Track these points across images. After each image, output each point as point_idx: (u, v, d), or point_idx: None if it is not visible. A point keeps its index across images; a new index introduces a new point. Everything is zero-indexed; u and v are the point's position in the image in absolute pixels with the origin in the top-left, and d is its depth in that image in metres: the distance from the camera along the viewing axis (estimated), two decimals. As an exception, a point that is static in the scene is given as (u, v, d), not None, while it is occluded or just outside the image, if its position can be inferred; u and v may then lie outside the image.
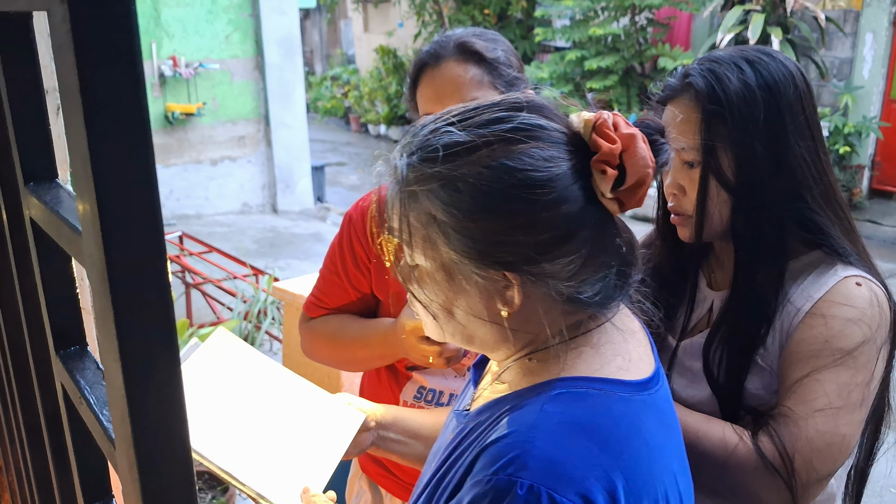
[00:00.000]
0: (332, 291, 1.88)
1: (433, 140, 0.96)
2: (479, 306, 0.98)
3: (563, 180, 0.93)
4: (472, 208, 0.93)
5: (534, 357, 1.02)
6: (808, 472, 1.30)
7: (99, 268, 0.44)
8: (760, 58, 1.41)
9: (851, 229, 1.46)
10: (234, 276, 5.80)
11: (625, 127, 0.96)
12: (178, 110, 9.38)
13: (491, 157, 0.93)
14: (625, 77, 10.88)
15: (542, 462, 0.87)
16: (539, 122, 0.97)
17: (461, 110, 0.99)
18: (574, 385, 0.96)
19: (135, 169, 0.41)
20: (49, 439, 0.79)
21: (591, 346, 1.01)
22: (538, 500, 0.85)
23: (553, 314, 0.98)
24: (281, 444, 1.32)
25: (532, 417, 0.92)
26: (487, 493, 0.87)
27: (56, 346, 0.69)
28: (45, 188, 0.64)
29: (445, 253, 0.96)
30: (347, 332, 1.84)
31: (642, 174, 0.95)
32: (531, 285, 0.96)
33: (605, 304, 1.01)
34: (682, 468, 1.06)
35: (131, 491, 0.50)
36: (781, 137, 1.38)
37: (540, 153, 0.94)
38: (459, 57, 1.68)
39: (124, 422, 0.47)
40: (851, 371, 1.33)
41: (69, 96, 0.41)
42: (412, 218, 0.97)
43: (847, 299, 1.36)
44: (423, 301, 1.03)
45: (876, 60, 9.35)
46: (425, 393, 1.81)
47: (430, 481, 1.04)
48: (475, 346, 1.06)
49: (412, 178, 0.96)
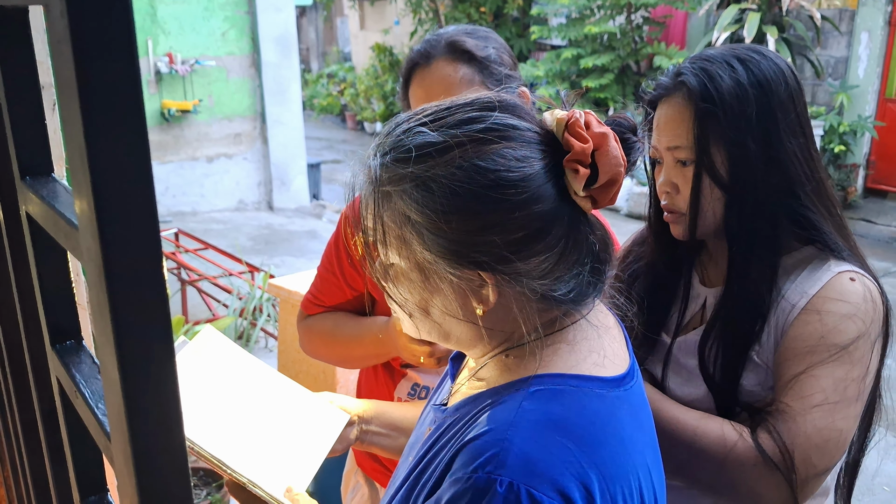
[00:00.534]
0: (328, 290, 1.89)
1: (406, 140, 0.97)
2: (454, 305, 0.99)
3: (536, 180, 0.94)
4: (445, 209, 0.93)
5: (511, 353, 1.03)
6: (806, 467, 1.31)
7: (96, 262, 0.44)
8: (752, 56, 1.42)
9: (843, 225, 1.47)
10: (229, 273, 5.80)
11: (597, 126, 0.97)
12: (174, 107, 9.37)
13: (463, 158, 0.93)
14: (620, 75, 10.89)
15: (521, 460, 0.88)
16: (511, 121, 0.97)
17: (434, 110, 1.00)
18: (551, 382, 0.97)
19: (132, 163, 0.42)
20: (45, 434, 0.80)
21: (567, 342, 1.02)
22: (517, 497, 0.86)
23: (527, 312, 0.99)
24: (266, 441, 1.33)
25: (510, 415, 0.93)
26: (467, 491, 0.88)
27: (52, 340, 0.70)
28: (42, 183, 0.65)
29: (420, 253, 0.97)
30: (343, 330, 1.85)
31: (614, 172, 0.96)
32: (505, 284, 0.97)
33: (579, 302, 1.02)
34: (655, 461, 1.07)
35: (127, 485, 0.50)
36: (774, 135, 1.39)
37: (512, 153, 0.94)
38: (450, 56, 1.68)
39: (120, 416, 0.47)
40: (847, 366, 1.34)
41: (66, 91, 0.41)
42: (386, 218, 0.98)
43: (841, 295, 1.37)
44: (399, 300, 1.04)
45: (871, 59, 9.37)
46: (419, 390, 1.82)
47: (407, 476, 1.05)
48: (451, 343, 1.07)
49: (385, 178, 0.97)
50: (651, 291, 1.58)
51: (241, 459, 1.24)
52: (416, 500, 0.99)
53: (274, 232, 9.24)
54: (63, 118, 0.43)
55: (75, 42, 0.40)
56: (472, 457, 0.90)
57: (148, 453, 0.48)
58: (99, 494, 0.72)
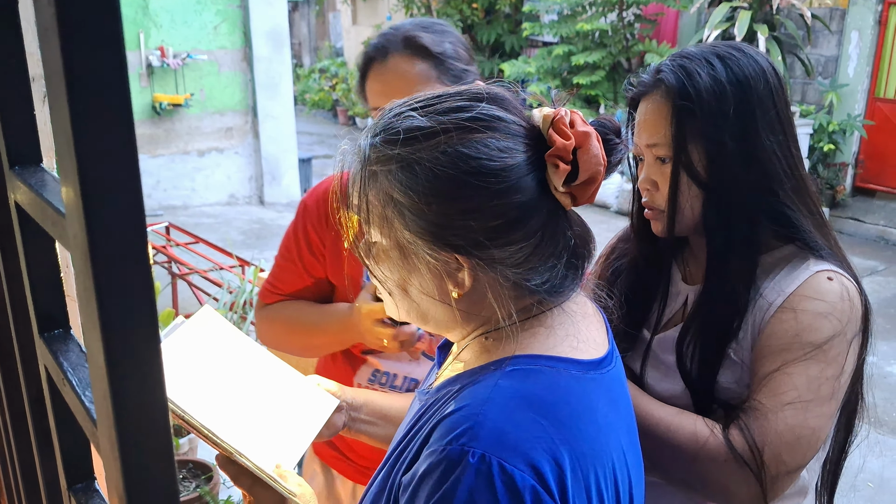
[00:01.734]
0: (287, 278, 1.89)
1: (396, 123, 1.01)
2: (431, 286, 1.03)
3: (517, 171, 0.98)
4: (427, 191, 0.97)
5: (490, 336, 1.07)
6: (777, 464, 1.31)
7: (82, 249, 0.45)
8: (731, 53, 1.43)
9: (823, 223, 1.48)
10: (220, 266, 5.79)
11: (581, 125, 1.00)
12: (165, 101, 9.34)
13: (447, 144, 0.97)
14: (612, 73, 10.89)
15: (494, 433, 0.90)
16: (497, 113, 1.01)
17: (426, 97, 1.04)
18: (527, 362, 1.00)
19: (118, 150, 0.42)
20: (32, 422, 0.80)
21: (545, 326, 1.05)
22: (489, 468, 0.88)
23: (501, 298, 1.02)
24: (257, 418, 1.34)
25: (486, 392, 0.96)
26: (441, 462, 0.90)
27: (40, 329, 0.70)
28: (30, 172, 0.65)
29: (400, 232, 1.00)
30: (303, 317, 1.86)
31: (594, 171, 0.99)
32: (480, 269, 1.00)
33: (553, 293, 1.05)
34: (631, 445, 1.09)
35: (113, 469, 0.51)
36: (752, 132, 1.40)
37: (495, 143, 0.98)
38: (406, 52, 1.68)
39: (106, 401, 0.48)
40: (821, 364, 1.34)
41: (54, 78, 0.42)
42: (371, 196, 1.02)
43: (818, 293, 1.38)
44: (380, 277, 1.08)
45: (861, 59, 9.40)
46: (379, 376, 1.82)
47: (389, 457, 1.08)
48: (430, 325, 1.10)
49: (373, 158, 1.01)
50: (633, 288, 1.59)
51: (230, 432, 1.25)
52: (396, 476, 1.01)
53: (265, 226, 9.22)
54: (51, 105, 0.44)
55: (62, 29, 0.41)
56: (447, 430, 0.93)
57: (133, 437, 0.49)
58: (86, 482, 0.72)
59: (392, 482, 1.01)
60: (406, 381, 1.80)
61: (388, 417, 1.53)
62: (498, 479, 0.88)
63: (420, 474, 0.92)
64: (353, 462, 1.90)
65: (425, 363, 1.80)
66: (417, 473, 0.93)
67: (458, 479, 0.88)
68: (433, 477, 0.91)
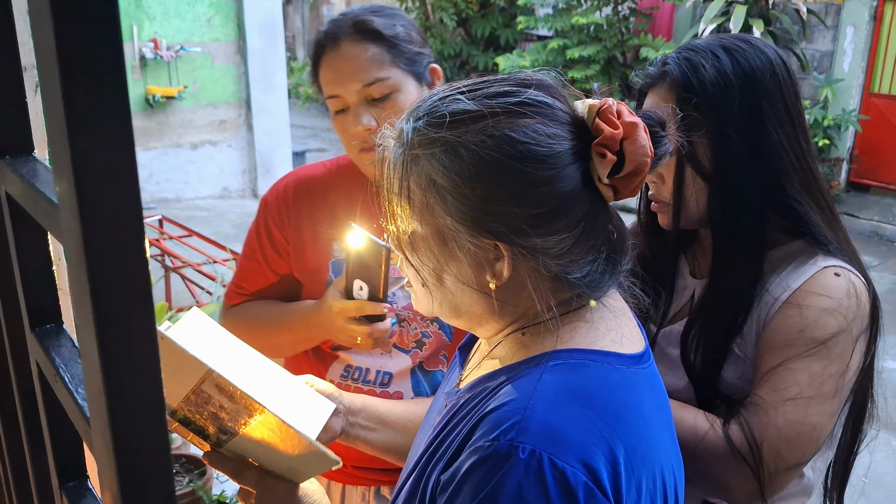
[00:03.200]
0: (250, 277, 1.87)
1: (441, 107, 0.99)
2: (469, 275, 1.00)
3: (563, 159, 0.96)
4: (472, 175, 0.95)
5: (527, 332, 1.04)
6: (775, 460, 1.30)
7: (76, 241, 0.43)
8: (738, 45, 1.42)
9: (833, 217, 1.46)
10: (213, 260, 5.76)
11: (628, 115, 0.98)
12: (158, 93, 9.30)
13: (495, 127, 0.95)
14: (607, 66, 10.89)
15: (543, 428, 0.88)
16: (546, 99, 0.99)
17: (472, 82, 1.02)
18: (570, 357, 0.98)
19: (113, 137, 0.40)
20: (23, 418, 0.78)
21: (585, 321, 1.03)
22: (539, 464, 0.85)
23: (541, 290, 1.00)
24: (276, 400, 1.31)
25: (531, 386, 0.93)
26: (488, 458, 0.88)
27: (31, 323, 0.68)
28: (22, 162, 0.63)
29: (441, 218, 0.98)
30: (269, 316, 1.83)
31: (640, 162, 0.97)
32: (520, 258, 0.98)
33: (593, 287, 1.02)
34: (673, 443, 1.07)
35: (106, 470, 0.49)
36: (758, 125, 1.38)
37: (543, 129, 0.96)
38: (356, 36, 1.65)
39: (100, 399, 0.46)
40: (825, 361, 1.33)
41: (46, 62, 0.40)
42: (412, 182, 0.99)
43: (824, 289, 1.36)
44: (416, 265, 1.05)
45: (856, 54, 9.41)
46: (352, 371, 1.79)
47: (420, 457, 1.04)
48: (462, 319, 1.07)
49: (416, 141, 0.99)
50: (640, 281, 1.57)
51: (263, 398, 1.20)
52: (431, 476, 0.98)
53: (258, 220, 9.18)
54: (43, 91, 0.42)
55: (55, 12, 0.39)
56: (493, 425, 0.90)
57: (128, 437, 0.47)
58: (78, 480, 0.70)
59: (426, 482, 0.99)
60: (379, 374, 1.77)
61: (386, 423, 1.49)
62: (549, 475, 0.85)
63: (464, 471, 0.90)
64: None
65: (398, 356, 1.77)
66: (461, 470, 0.90)
67: (506, 474, 0.86)
68: (480, 473, 0.88)
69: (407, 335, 1.76)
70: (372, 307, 1.57)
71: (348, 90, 1.63)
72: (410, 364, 1.76)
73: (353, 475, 1.83)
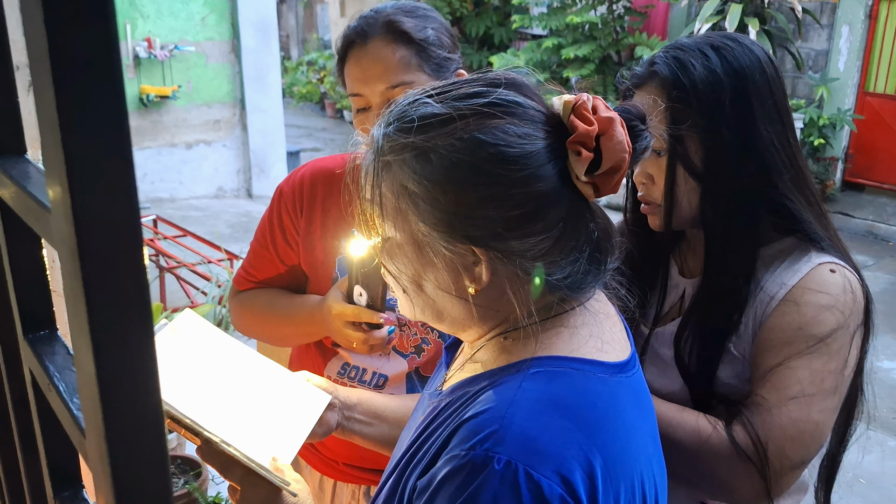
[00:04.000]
0: (260, 265, 1.87)
1: (410, 111, 0.97)
2: (447, 281, 0.98)
3: (537, 158, 0.93)
4: (443, 179, 0.93)
5: (509, 336, 1.02)
6: (781, 460, 1.30)
7: (70, 247, 0.41)
8: (726, 43, 1.41)
9: (822, 214, 1.46)
10: (208, 260, 5.74)
11: (604, 110, 0.96)
12: (152, 93, 9.27)
13: (464, 130, 0.93)
14: (601, 65, 10.88)
15: (520, 438, 0.86)
16: (516, 98, 0.97)
17: (442, 84, 1.00)
18: (551, 364, 0.96)
19: (108, 135, 0.38)
20: (17, 427, 0.76)
21: (568, 326, 1.01)
22: (514, 476, 0.84)
23: (521, 294, 0.98)
24: (246, 417, 1.31)
25: (510, 394, 0.91)
26: (464, 468, 0.86)
27: (24, 329, 0.66)
28: (13, 163, 0.61)
29: (415, 224, 0.96)
30: (275, 307, 1.83)
31: (618, 159, 0.95)
32: (499, 262, 0.96)
33: (576, 288, 1.01)
34: (656, 451, 1.06)
35: (102, 481, 0.47)
36: (749, 123, 1.38)
37: (514, 129, 0.94)
38: (387, 36, 1.63)
39: (95, 410, 0.44)
40: (825, 358, 1.33)
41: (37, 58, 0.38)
42: (384, 188, 0.98)
43: (821, 286, 1.36)
44: (394, 273, 1.03)
45: (851, 53, 9.41)
46: (349, 369, 1.80)
47: (400, 459, 1.03)
48: (445, 324, 1.05)
49: (387, 147, 0.97)
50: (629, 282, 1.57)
51: (217, 425, 1.21)
52: (408, 480, 0.97)
53: (253, 220, 9.17)
54: (35, 89, 0.40)
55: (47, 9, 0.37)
56: (469, 434, 0.89)
57: (124, 449, 0.45)
58: (73, 490, 0.69)
59: (404, 486, 0.97)
60: (375, 376, 1.77)
61: (382, 418, 1.49)
62: (524, 487, 0.84)
63: (440, 479, 0.88)
64: (319, 453, 1.88)
65: (395, 359, 1.77)
66: (436, 478, 0.89)
67: (481, 485, 0.84)
68: (454, 482, 0.86)
69: (407, 339, 1.75)
70: (369, 315, 1.56)
71: (373, 90, 1.62)
72: (407, 368, 1.76)
73: (346, 472, 1.84)
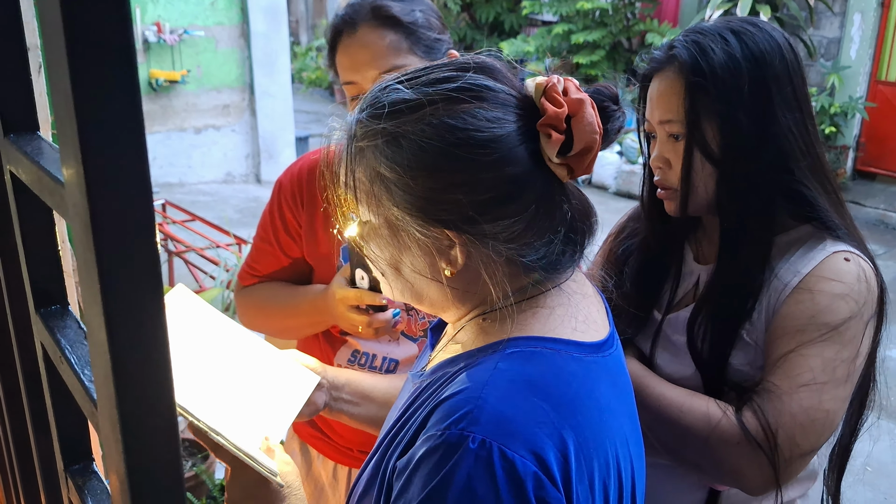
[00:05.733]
0: (263, 259, 1.88)
1: (382, 97, 0.98)
2: (423, 264, 1.00)
3: (508, 142, 0.94)
4: (413, 164, 0.94)
5: (487, 317, 1.03)
6: (791, 447, 1.29)
7: (83, 219, 0.41)
8: (747, 28, 1.40)
9: (839, 202, 1.45)
10: (217, 244, 5.76)
11: (575, 92, 0.97)
12: (161, 77, 9.26)
13: (433, 115, 0.94)
14: (612, 52, 10.83)
15: (494, 417, 0.87)
16: (486, 83, 0.97)
17: (414, 70, 1.02)
18: (527, 344, 0.97)
19: (121, 109, 0.39)
20: (28, 401, 0.77)
21: (544, 307, 1.02)
22: (489, 454, 0.85)
23: (496, 276, 0.99)
24: (233, 396, 1.31)
25: (486, 375, 0.93)
26: (439, 447, 0.87)
27: (36, 304, 0.67)
28: (26, 140, 0.62)
29: (389, 209, 0.98)
30: (279, 299, 1.84)
31: (589, 140, 0.95)
32: (472, 245, 0.97)
33: (551, 270, 1.01)
34: (633, 431, 1.07)
35: (113, 452, 0.48)
36: (767, 109, 1.36)
37: (483, 114, 0.94)
38: (375, 22, 1.63)
39: (107, 381, 0.45)
40: (837, 346, 1.32)
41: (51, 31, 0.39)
42: (359, 173, 0.99)
43: (835, 274, 1.35)
44: (371, 257, 1.05)
45: (863, 41, 9.35)
46: (359, 356, 1.80)
47: (383, 440, 1.05)
48: (425, 305, 1.07)
49: (360, 133, 0.98)
50: (644, 268, 1.56)
51: (204, 409, 1.21)
52: (390, 461, 0.98)
53: (261, 205, 9.17)
54: (49, 65, 0.41)
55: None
56: (445, 414, 0.90)
57: (136, 419, 0.46)
58: (83, 463, 0.70)
59: (385, 466, 0.99)
60: (386, 361, 1.78)
61: (370, 398, 1.50)
62: (498, 465, 0.85)
63: (417, 459, 0.89)
64: (333, 441, 1.89)
65: (405, 343, 1.78)
66: (414, 458, 0.90)
67: (456, 464, 0.85)
68: (430, 462, 0.88)
69: (415, 323, 1.75)
70: (371, 297, 1.57)
71: (365, 77, 1.62)
72: (417, 352, 1.76)
73: (361, 459, 1.84)
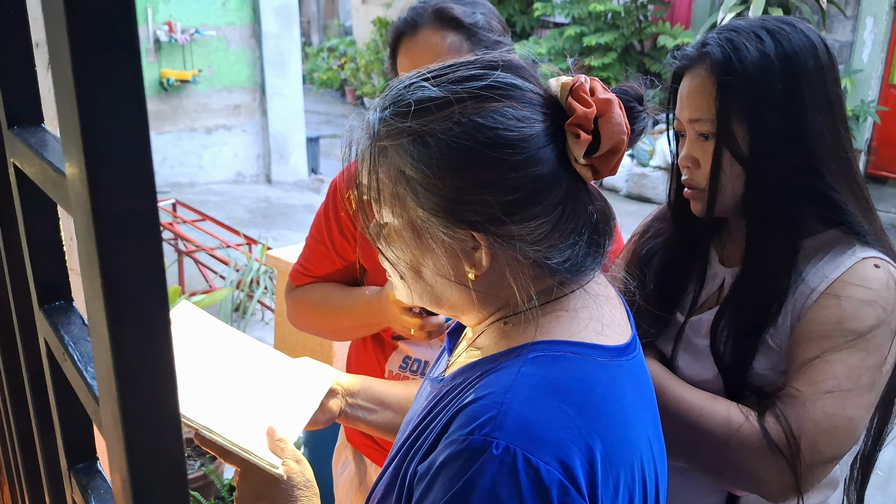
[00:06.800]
0: (317, 260, 1.86)
1: (406, 95, 0.96)
2: (446, 267, 0.98)
3: (535, 141, 0.93)
4: (441, 164, 0.92)
5: (509, 321, 1.01)
6: (812, 454, 1.27)
7: (85, 210, 0.40)
8: (781, 27, 1.37)
9: (869, 208, 1.42)
10: (227, 244, 5.77)
11: (602, 92, 0.95)
12: (173, 77, 9.29)
13: (462, 114, 0.92)
14: (623, 54, 10.82)
15: (519, 423, 0.86)
16: (514, 81, 0.96)
17: (437, 67, 0.99)
18: (551, 349, 0.95)
19: (125, 100, 0.38)
20: (32, 398, 0.76)
21: (567, 310, 1.00)
22: (513, 461, 0.83)
23: (521, 279, 0.97)
24: (242, 405, 1.30)
25: (509, 379, 0.91)
26: (462, 453, 0.86)
27: (40, 300, 0.66)
28: (30, 132, 0.61)
29: (413, 210, 0.95)
30: (332, 300, 1.82)
31: (616, 140, 0.94)
32: (498, 247, 0.95)
33: (575, 272, 1.00)
34: (656, 436, 1.05)
35: (116, 452, 0.47)
36: (799, 110, 1.34)
37: (512, 112, 0.93)
38: (437, 24, 1.63)
39: (109, 377, 0.44)
40: (862, 353, 1.29)
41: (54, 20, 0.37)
42: (382, 174, 0.97)
43: (863, 280, 1.32)
44: (391, 260, 1.02)
45: (876, 44, 9.32)
46: (410, 363, 1.79)
47: (402, 445, 1.03)
48: (445, 308, 1.05)
49: (383, 132, 0.96)
50: (668, 269, 1.54)
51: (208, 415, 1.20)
52: (410, 465, 0.96)
53: (272, 205, 9.19)
54: (50, 52, 0.40)
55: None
56: (468, 419, 0.88)
57: (138, 417, 0.45)
58: (88, 462, 0.69)
59: (405, 470, 0.97)
60: None
61: (386, 404, 1.48)
62: (523, 472, 0.83)
63: (438, 464, 0.88)
64: (383, 449, 1.88)
65: None
66: (435, 463, 0.88)
67: (479, 470, 0.84)
68: (453, 468, 0.86)
69: None
70: None
71: None
72: None
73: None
